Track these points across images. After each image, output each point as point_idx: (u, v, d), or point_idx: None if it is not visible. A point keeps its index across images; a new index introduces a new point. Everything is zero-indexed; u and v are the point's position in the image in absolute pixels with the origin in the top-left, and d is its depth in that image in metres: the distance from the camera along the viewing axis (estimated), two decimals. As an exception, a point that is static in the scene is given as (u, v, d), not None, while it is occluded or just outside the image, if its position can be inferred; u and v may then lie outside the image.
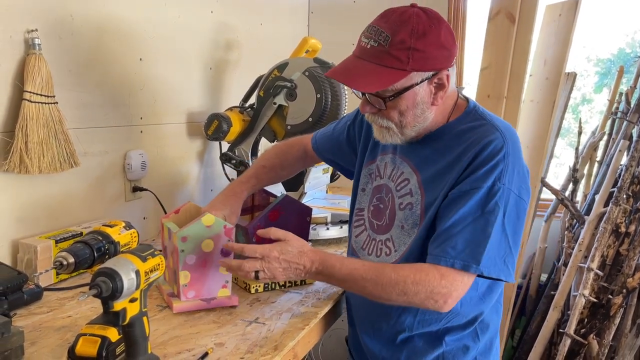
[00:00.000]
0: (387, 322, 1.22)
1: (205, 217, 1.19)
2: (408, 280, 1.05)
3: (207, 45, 2.09)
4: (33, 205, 1.43)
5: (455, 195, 1.09)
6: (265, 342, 1.11)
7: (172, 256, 1.23)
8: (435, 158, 1.16)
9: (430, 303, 1.06)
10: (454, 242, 1.05)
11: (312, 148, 1.48)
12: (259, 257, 1.10)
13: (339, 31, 2.77)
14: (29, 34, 1.35)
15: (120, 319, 0.85)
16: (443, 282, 1.04)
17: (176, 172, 1.98)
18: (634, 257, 2.11)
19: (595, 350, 2.09)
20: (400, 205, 1.20)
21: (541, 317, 2.38)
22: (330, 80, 1.84)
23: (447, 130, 1.17)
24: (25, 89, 1.33)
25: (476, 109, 1.19)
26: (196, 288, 1.23)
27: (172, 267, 1.24)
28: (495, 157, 1.07)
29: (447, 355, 1.21)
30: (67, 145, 1.44)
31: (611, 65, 3.92)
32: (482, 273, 1.05)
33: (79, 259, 0.95)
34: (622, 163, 2.27)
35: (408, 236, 1.18)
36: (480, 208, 1.06)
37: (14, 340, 0.98)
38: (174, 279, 1.25)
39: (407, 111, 1.12)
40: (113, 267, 0.82)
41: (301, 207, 1.44)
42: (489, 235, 1.05)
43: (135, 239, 1.10)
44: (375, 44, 1.07)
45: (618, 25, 3.49)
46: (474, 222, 1.06)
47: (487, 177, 1.07)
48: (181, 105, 1.98)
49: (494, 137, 1.09)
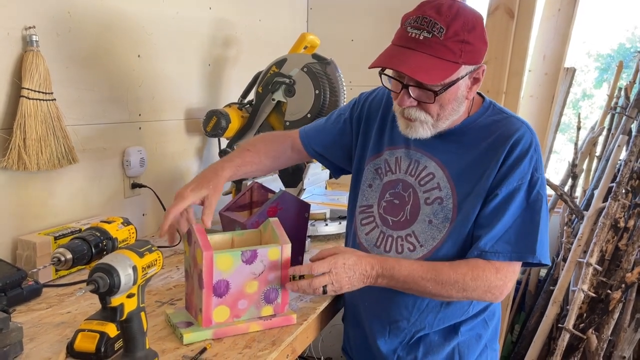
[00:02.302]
0: (407, 321, 1.23)
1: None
2: (467, 278, 1.10)
3: (205, 42, 2.09)
4: (32, 202, 1.44)
5: (505, 194, 1.13)
6: (263, 337, 1.11)
7: (267, 276, 1.14)
8: (462, 152, 1.19)
9: (487, 296, 1.13)
10: (507, 237, 1.11)
11: (301, 141, 1.42)
12: (327, 270, 1.10)
13: (338, 27, 2.77)
14: (27, 31, 1.35)
15: (118, 315, 0.85)
16: (499, 275, 1.11)
17: (175, 168, 1.99)
18: (632, 252, 2.11)
19: (594, 345, 2.10)
20: (426, 200, 1.21)
21: (540, 312, 2.39)
22: (329, 76, 1.84)
23: (471, 125, 1.20)
24: (23, 85, 1.33)
25: (493, 104, 1.23)
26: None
27: (260, 289, 1.14)
28: (530, 150, 1.13)
29: (462, 345, 1.24)
30: (66, 141, 1.45)
31: (611, 60, 3.91)
32: (539, 261, 1.11)
33: (77, 255, 0.95)
34: (621, 158, 2.27)
35: (438, 231, 1.18)
36: (526, 200, 1.13)
37: (13, 336, 0.99)
38: (255, 303, 1.15)
39: (447, 105, 1.12)
40: (110, 262, 0.82)
41: (299, 203, 1.43)
42: (537, 224, 1.12)
43: (133, 235, 1.11)
44: (428, 35, 1.05)
45: (618, 21, 3.49)
46: (523, 215, 1.12)
47: (528, 169, 1.13)
48: (180, 102, 1.98)
49: (523, 131, 1.15)
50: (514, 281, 1.14)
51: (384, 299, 1.24)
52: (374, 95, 1.38)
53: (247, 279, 1.12)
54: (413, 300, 1.21)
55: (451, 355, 1.25)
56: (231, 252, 1.09)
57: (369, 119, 1.35)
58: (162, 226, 1.12)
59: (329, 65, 1.86)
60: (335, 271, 1.10)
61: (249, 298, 1.13)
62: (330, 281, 1.10)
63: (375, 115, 1.34)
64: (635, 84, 2.48)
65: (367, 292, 1.25)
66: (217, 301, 1.09)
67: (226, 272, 1.09)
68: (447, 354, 1.25)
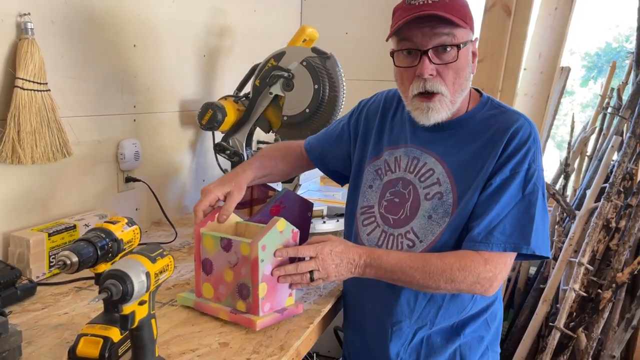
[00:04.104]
0: (409, 319, 1.22)
1: (279, 223, 1.12)
2: (454, 267, 1.08)
3: (201, 32, 2.03)
4: (24, 197, 1.38)
5: (498, 183, 1.12)
6: (270, 342, 1.08)
7: (243, 267, 1.12)
8: (460, 146, 1.18)
9: (477, 288, 1.10)
10: (502, 227, 1.09)
11: (305, 148, 1.47)
12: (314, 255, 1.10)
13: (332, 20, 2.73)
14: (22, 18, 1.29)
15: (129, 323, 0.82)
16: (488, 266, 1.08)
17: (169, 162, 1.94)
18: (623, 252, 2.13)
19: (583, 344, 2.12)
20: (426, 195, 1.20)
21: (530, 310, 2.40)
22: (329, 71, 1.80)
23: (469, 119, 1.20)
24: (17, 75, 1.27)
25: (491, 99, 1.24)
26: (270, 300, 1.13)
27: (234, 281, 1.14)
28: (528, 141, 1.13)
29: (464, 347, 1.24)
30: (60, 134, 1.39)
31: (598, 59, 3.95)
32: (533, 252, 1.09)
33: (83, 257, 0.91)
34: (614, 159, 2.29)
35: (437, 225, 1.17)
36: (521, 191, 1.11)
37: (12, 341, 0.94)
38: (232, 293, 1.15)
39: (462, 71, 1.13)
40: (123, 269, 0.78)
41: (303, 202, 1.41)
42: (533, 215, 1.10)
43: (137, 236, 1.07)
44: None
45: (600, 18, 3.52)
46: (518, 205, 1.10)
47: (524, 161, 1.12)
48: (174, 93, 1.92)
49: (522, 123, 1.15)
50: (505, 273, 1.11)
51: (386, 297, 1.23)
52: (372, 100, 1.41)
53: (224, 265, 1.15)
54: (415, 295, 1.21)
55: (453, 357, 1.24)
56: (213, 235, 1.16)
57: (368, 122, 1.37)
58: (196, 223, 1.20)
59: (329, 59, 1.82)
60: (321, 257, 1.10)
61: (227, 286, 1.16)
62: (316, 267, 1.09)
63: (374, 119, 1.36)
64: (627, 84, 2.49)
65: (369, 291, 1.26)
66: (204, 277, 1.19)
67: (210, 252, 1.17)
68: (449, 355, 1.24)
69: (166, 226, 1.82)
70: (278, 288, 1.15)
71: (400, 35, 1.13)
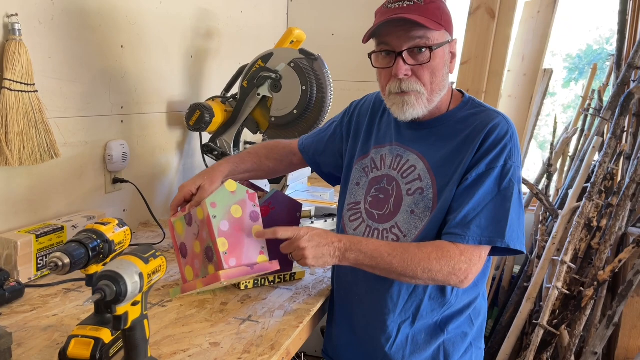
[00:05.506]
0: (393, 313, 1.24)
1: (227, 183, 1.16)
2: (432, 257, 1.10)
3: (188, 33, 2.03)
4: (11, 199, 1.37)
5: (473, 178, 1.15)
6: (261, 342, 1.09)
7: (203, 230, 1.15)
8: (440, 144, 1.22)
9: (452, 279, 1.12)
10: (478, 221, 1.12)
11: (299, 147, 1.50)
12: (291, 236, 1.12)
13: (319, 21, 2.74)
14: (9, 19, 1.28)
15: (122, 323, 0.82)
16: (463, 257, 1.11)
17: (156, 163, 1.93)
18: (604, 251, 2.17)
19: (566, 341, 2.16)
20: (408, 191, 1.23)
21: (514, 308, 2.44)
22: (316, 72, 1.82)
23: (449, 118, 1.24)
24: (4, 76, 1.27)
25: (472, 99, 1.27)
26: (236, 255, 1.13)
27: (202, 249, 1.16)
28: (504, 139, 1.15)
29: (448, 343, 1.26)
30: (48, 135, 1.39)
31: (579, 61, 4.02)
32: (508, 246, 1.11)
33: (74, 259, 0.91)
34: (595, 159, 2.33)
35: (420, 220, 1.20)
36: (497, 186, 1.14)
37: (2, 343, 0.94)
38: (203, 263, 1.17)
39: (438, 72, 1.17)
40: (117, 270, 0.79)
41: (291, 203, 1.42)
42: (508, 210, 1.12)
43: (128, 237, 1.07)
44: (410, 2, 1.13)
45: (581, 20, 3.58)
46: (493, 200, 1.13)
47: (500, 157, 1.15)
48: (162, 94, 1.92)
49: (499, 121, 1.18)
50: (479, 266, 1.13)
51: (373, 291, 1.26)
52: (363, 101, 1.45)
53: (192, 240, 1.19)
54: (399, 288, 1.23)
55: (437, 353, 1.26)
56: (180, 218, 1.22)
57: (359, 123, 1.41)
58: (171, 216, 1.25)
59: (316, 61, 1.83)
60: (298, 237, 1.11)
61: (198, 258, 1.18)
62: (293, 248, 1.11)
63: (364, 119, 1.39)
64: (608, 86, 2.54)
65: (356, 283, 1.28)
66: (184, 262, 1.23)
67: (182, 235, 1.22)
68: (433, 351, 1.26)
69: (154, 227, 1.81)
70: (245, 243, 1.15)
71: (377, 37, 1.18)
